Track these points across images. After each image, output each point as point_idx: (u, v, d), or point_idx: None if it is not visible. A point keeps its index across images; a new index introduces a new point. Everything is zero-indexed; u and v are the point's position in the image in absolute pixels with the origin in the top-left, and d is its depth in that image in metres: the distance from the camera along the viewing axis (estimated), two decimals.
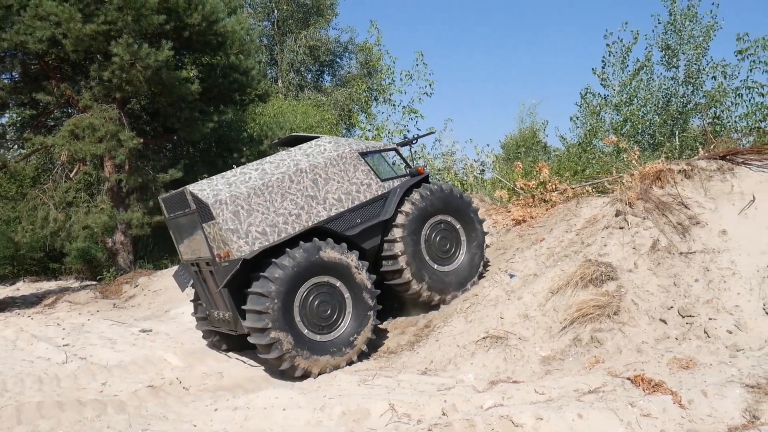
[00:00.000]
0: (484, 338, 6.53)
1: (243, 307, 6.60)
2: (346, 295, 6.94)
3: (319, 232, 7.06)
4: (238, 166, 7.60)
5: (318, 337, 6.75)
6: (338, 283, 6.90)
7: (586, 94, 15.16)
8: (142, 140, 14.07)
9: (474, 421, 4.55)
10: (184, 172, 14.50)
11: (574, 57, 64.80)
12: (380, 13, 59.32)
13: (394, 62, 16.90)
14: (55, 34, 13.00)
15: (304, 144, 7.68)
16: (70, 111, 16.25)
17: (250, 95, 16.34)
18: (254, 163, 7.33)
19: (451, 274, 7.93)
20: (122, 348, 8.67)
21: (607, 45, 15.16)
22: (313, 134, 8.20)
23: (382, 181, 7.72)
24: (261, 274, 6.57)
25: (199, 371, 7.27)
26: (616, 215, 7.46)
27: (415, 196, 7.73)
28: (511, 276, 7.68)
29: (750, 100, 12.41)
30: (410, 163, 8.56)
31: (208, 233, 6.79)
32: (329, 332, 6.85)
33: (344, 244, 7.02)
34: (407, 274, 7.57)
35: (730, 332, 5.66)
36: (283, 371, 6.60)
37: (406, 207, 7.62)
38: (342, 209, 7.32)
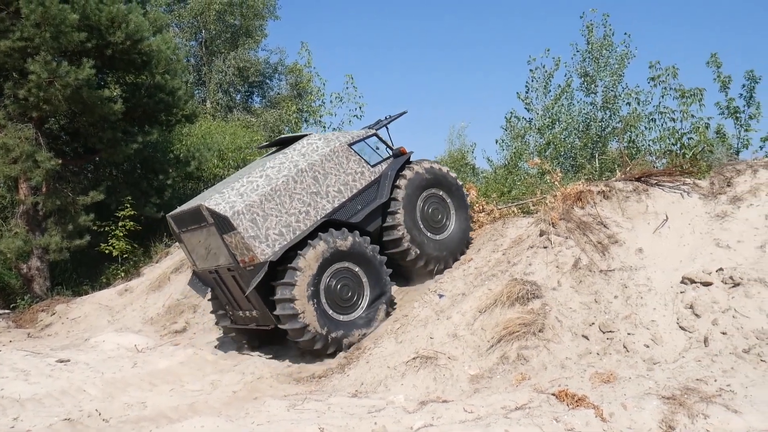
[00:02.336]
0: (414, 359, 6.55)
1: (273, 297, 7.26)
2: (363, 278, 7.69)
3: (328, 224, 7.69)
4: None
5: (342, 317, 7.54)
6: (356, 268, 7.66)
7: (510, 118, 15.62)
8: (60, 161, 13.48)
9: None
10: (106, 195, 13.97)
11: (500, 81, 66.90)
12: (310, 36, 59.58)
13: (324, 84, 16.87)
14: None
15: (297, 144, 8.15)
16: None
17: (176, 116, 15.95)
18: (256, 170, 7.76)
19: (444, 242, 8.64)
20: (37, 380, 8.18)
21: (531, 70, 15.74)
22: (300, 134, 8.72)
23: (372, 166, 8.33)
24: (288, 265, 7.24)
25: (121, 401, 6.96)
26: (540, 235, 7.68)
27: (406, 173, 8.43)
28: (440, 296, 7.77)
29: (662, 125, 13.10)
30: (391, 145, 8.93)
31: (229, 243, 7.30)
32: (352, 312, 7.65)
33: (356, 232, 7.74)
34: (406, 243, 8.23)
35: (647, 346, 5.91)
36: (315, 350, 7.39)
37: (400, 184, 8.32)
38: (343, 199, 7.94)
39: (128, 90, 15.11)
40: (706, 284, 6.30)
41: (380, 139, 8.78)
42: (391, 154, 8.64)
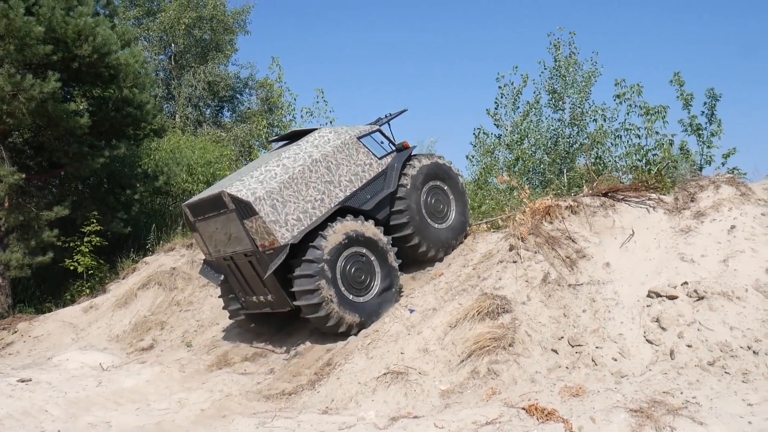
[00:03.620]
0: (385, 374, 6.53)
1: (292, 275, 7.66)
2: (375, 262, 8.09)
3: (342, 211, 8.11)
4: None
5: (357, 299, 7.91)
6: (368, 253, 8.05)
7: (479, 134, 15.81)
8: (24, 176, 13.20)
9: None
10: (71, 210, 13.69)
11: (470, 97, 67.69)
12: (282, 50, 59.60)
13: (295, 99, 16.92)
14: None
15: (308, 136, 8.61)
16: None
17: (144, 130, 15.74)
18: (272, 160, 8.13)
19: (445, 231, 9.13)
20: None
21: (499, 87, 15.98)
22: (310, 128, 9.14)
23: (379, 159, 8.77)
24: (305, 253, 7.61)
25: (84, 422, 6.79)
26: (510, 250, 7.75)
27: (410, 167, 8.90)
28: (411, 311, 7.77)
29: (628, 141, 13.40)
30: (393, 141, 9.34)
31: (249, 228, 7.63)
32: (366, 293, 8.02)
33: (370, 220, 8.21)
34: (410, 229, 8.68)
35: (615, 359, 5.98)
36: (330, 327, 7.72)
37: (406, 174, 8.80)
38: (354, 188, 8.35)
39: (95, 104, 14.89)
40: (672, 298, 6.42)
41: (383, 134, 9.24)
42: (394, 148, 9.09)
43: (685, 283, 6.56)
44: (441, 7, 78.00)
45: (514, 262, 7.50)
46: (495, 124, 16.03)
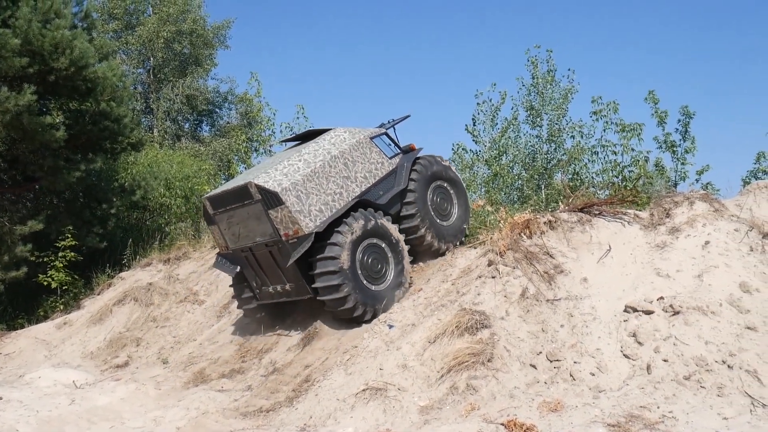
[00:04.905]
0: (363, 390, 6.49)
1: (314, 272, 8.04)
2: (388, 252, 8.55)
3: (358, 204, 8.54)
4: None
5: (374, 287, 8.28)
6: (382, 244, 8.52)
7: (458, 149, 15.90)
8: None
9: None
10: (45, 224, 13.46)
11: (448, 113, 68.19)
12: (262, 65, 59.61)
13: (274, 114, 16.89)
14: None
15: (324, 135, 9.09)
16: None
17: (122, 143, 15.56)
18: (293, 156, 8.52)
19: (449, 228, 9.61)
20: None
21: (478, 104, 16.12)
22: (326, 128, 9.50)
23: (389, 159, 9.29)
24: (327, 242, 8.00)
25: None
26: (489, 265, 7.78)
27: (419, 166, 9.44)
28: (390, 326, 7.75)
29: (604, 158, 13.57)
30: (398, 143, 9.85)
31: (274, 217, 8.00)
32: (381, 282, 8.44)
33: (381, 212, 8.67)
34: (417, 221, 9.15)
35: (593, 374, 6.02)
36: (346, 310, 8.04)
37: (414, 176, 9.32)
38: (368, 185, 8.83)
39: (72, 117, 14.70)
40: (648, 313, 6.48)
41: (389, 137, 9.80)
42: (399, 150, 9.62)
43: (661, 298, 6.63)
44: (420, 23, 78.74)
45: (493, 277, 7.53)
46: (473, 141, 16.15)
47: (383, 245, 8.58)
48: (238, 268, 8.92)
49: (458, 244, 9.68)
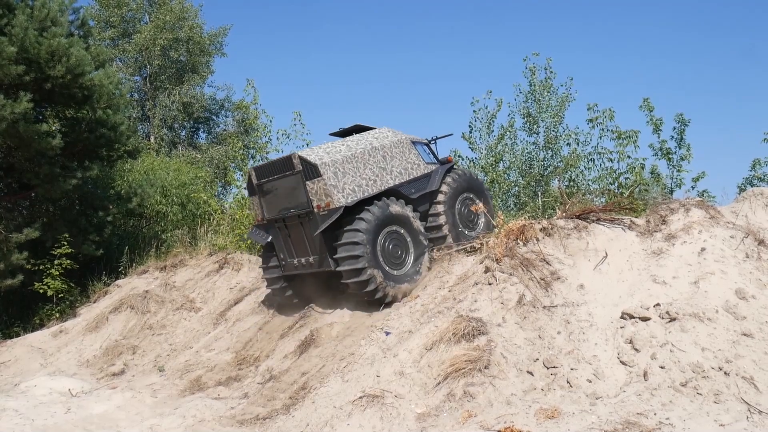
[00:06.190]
0: (360, 398, 6.47)
1: (337, 256, 8.47)
2: (408, 239, 9.02)
3: (389, 193, 9.12)
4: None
5: (395, 272, 8.74)
6: (402, 231, 8.98)
7: (454, 156, 15.91)
8: None
9: None
10: (41, 232, 13.42)
11: (445, 120, 68.30)
12: (258, 72, 59.68)
13: (271, 121, 16.93)
14: None
15: (369, 131, 9.76)
16: None
17: (118, 151, 15.55)
18: (337, 142, 9.18)
19: (469, 237, 9.86)
20: None
21: (474, 111, 16.17)
22: (372, 126, 10.17)
23: (426, 164, 9.94)
24: (349, 227, 8.46)
25: None
26: (485, 272, 7.78)
27: (454, 174, 10.10)
28: (387, 333, 7.74)
29: (600, 165, 13.63)
30: (437, 156, 10.50)
31: (310, 189, 8.61)
32: (401, 267, 8.87)
33: (403, 201, 9.09)
34: (445, 231, 9.66)
35: (590, 381, 6.01)
36: (378, 299, 8.52)
37: (447, 180, 9.92)
38: (402, 180, 9.45)
39: (68, 124, 14.70)
40: (645, 319, 6.49)
41: (430, 148, 10.45)
42: (437, 161, 10.27)
43: (658, 304, 6.64)
44: (416, 30, 79.00)
45: (490, 284, 7.53)
46: (470, 148, 16.19)
47: (403, 232, 9.02)
48: (270, 237, 9.48)
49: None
